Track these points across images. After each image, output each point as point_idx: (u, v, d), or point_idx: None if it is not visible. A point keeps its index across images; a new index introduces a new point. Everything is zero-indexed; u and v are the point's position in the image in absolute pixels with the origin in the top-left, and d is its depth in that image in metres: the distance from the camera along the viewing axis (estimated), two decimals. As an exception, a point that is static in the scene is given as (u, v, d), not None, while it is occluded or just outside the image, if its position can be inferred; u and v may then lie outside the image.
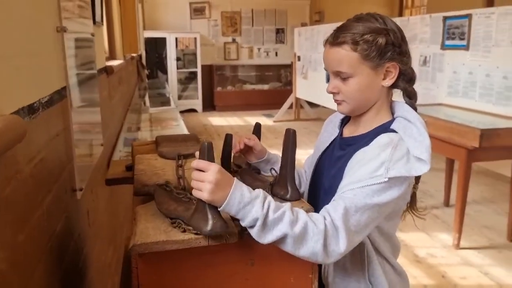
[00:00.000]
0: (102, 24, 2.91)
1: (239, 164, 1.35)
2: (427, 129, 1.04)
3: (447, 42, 3.85)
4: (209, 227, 0.88)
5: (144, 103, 5.27)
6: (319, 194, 1.18)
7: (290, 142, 1.07)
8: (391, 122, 1.08)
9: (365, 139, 1.07)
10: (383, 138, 1.03)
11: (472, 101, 3.57)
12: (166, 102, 5.83)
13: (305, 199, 1.16)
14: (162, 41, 8.88)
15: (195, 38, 9.00)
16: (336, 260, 0.96)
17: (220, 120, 8.36)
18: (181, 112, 7.56)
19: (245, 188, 0.90)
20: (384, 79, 1.07)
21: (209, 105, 9.38)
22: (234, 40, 9.58)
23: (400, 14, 9.51)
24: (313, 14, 9.76)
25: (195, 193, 0.89)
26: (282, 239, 0.90)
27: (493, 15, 3.33)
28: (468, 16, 3.55)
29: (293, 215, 0.91)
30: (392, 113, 1.12)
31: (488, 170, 4.15)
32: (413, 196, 1.18)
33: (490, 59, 3.37)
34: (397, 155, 0.98)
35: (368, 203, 0.96)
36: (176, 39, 8.94)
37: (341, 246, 0.93)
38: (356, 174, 0.99)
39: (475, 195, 3.97)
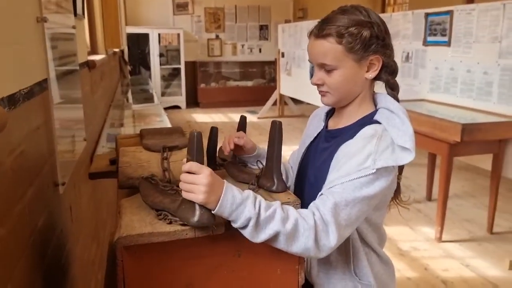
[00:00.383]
0: (84, 17, 2.85)
1: (224, 157, 1.34)
2: (409, 118, 1.05)
3: (429, 39, 3.90)
4: (196, 218, 0.87)
5: (127, 100, 5.20)
6: (305, 187, 1.19)
7: (276, 134, 1.07)
8: (374, 113, 1.10)
9: (350, 131, 1.08)
10: (367, 130, 1.04)
11: (453, 97, 3.62)
12: (149, 98, 5.76)
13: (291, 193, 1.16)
14: (145, 37, 8.78)
15: (178, 34, 8.92)
16: (328, 254, 0.97)
17: (204, 117, 8.31)
18: (165, 108, 7.48)
19: (235, 190, 0.90)
20: (367, 71, 1.08)
21: (193, 101, 9.32)
22: (217, 37, 9.53)
23: (383, 10, 9.60)
24: (296, 10, 9.77)
25: (187, 195, 0.88)
26: (275, 237, 0.91)
27: (474, 11, 3.38)
28: (450, 13, 3.60)
29: (283, 212, 0.92)
30: (375, 105, 1.13)
31: (469, 165, 4.23)
32: (398, 187, 1.19)
33: (471, 55, 3.43)
34: (382, 145, 0.99)
35: (357, 196, 0.97)
36: (159, 35, 8.85)
37: (331, 240, 0.94)
38: (344, 168, 1.00)
39: (456, 190, 4.04)
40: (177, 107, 9.09)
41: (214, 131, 1.31)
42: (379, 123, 1.06)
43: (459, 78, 3.56)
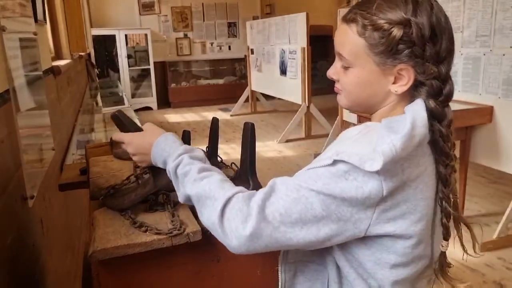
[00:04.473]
0: (45, 23, 2.77)
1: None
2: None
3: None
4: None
5: (97, 103, 5.10)
6: None
7: (249, 135, 1.07)
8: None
9: None
10: (352, 129, 0.83)
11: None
12: (119, 101, 5.67)
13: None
14: (111, 38, 8.60)
15: (146, 35, 8.78)
16: (239, 245, 0.74)
17: (176, 117, 8.23)
18: (136, 110, 7.38)
19: (170, 140, 0.91)
20: (394, 83, 0.80)
21: (164, 102, 9.20)
22: (186, 36, 9.43)
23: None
24: (264, 6, 9.77)
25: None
26: (192, 197, 0.80)
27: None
28: (413, 5, 3.68)
29: (201, 173, 0.81)
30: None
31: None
32: (442, 256, 0.86)
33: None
34: (361, 139, 0.76)
35: (304, 186, 0.73)
36: (126, 36, 8.68)
37: (248, 226, 0.73)
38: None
39: (427, 177, 4.13)
40: (148, 108, 8.97)
41: (186, 135, 1.29)
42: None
43: (425, 68, 3.64)
